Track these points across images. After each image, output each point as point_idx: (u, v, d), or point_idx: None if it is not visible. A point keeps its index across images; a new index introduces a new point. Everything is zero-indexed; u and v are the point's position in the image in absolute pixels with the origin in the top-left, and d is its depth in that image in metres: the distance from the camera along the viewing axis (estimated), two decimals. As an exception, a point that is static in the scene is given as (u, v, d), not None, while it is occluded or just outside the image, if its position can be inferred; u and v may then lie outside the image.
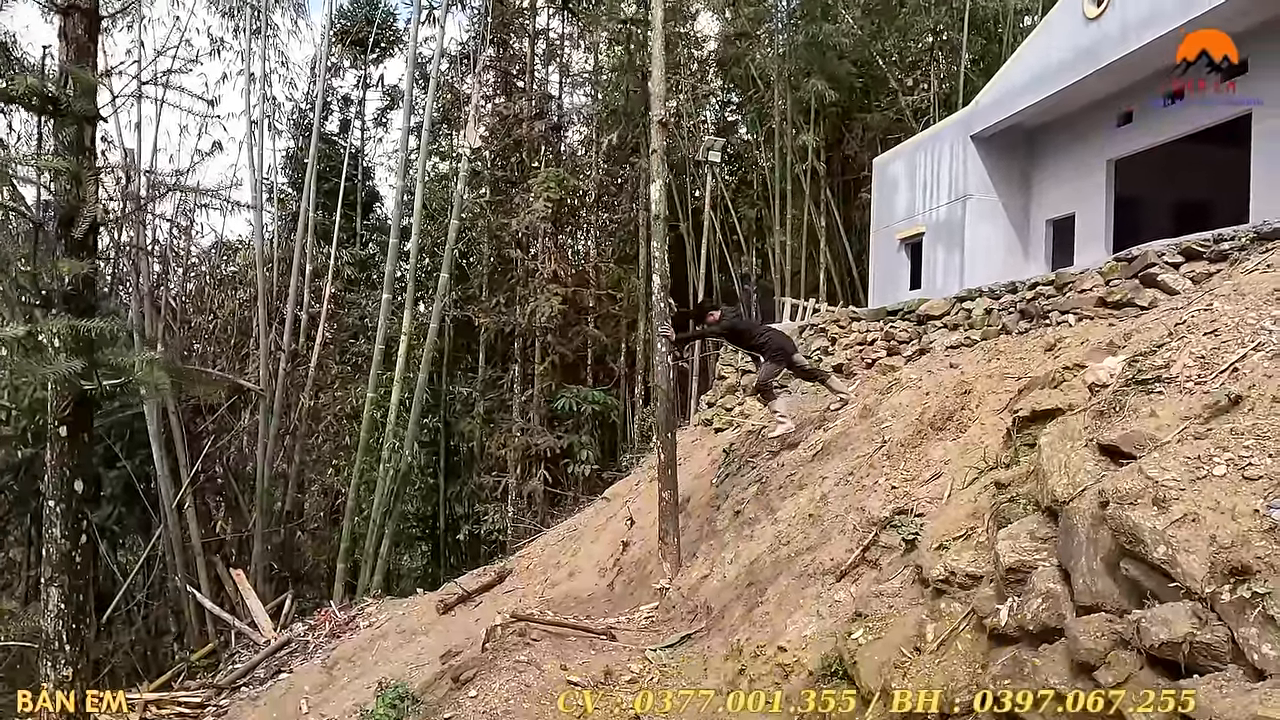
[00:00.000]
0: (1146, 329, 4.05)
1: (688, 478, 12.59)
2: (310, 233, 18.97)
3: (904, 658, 3.90)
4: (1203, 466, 2.82)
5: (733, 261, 27.57)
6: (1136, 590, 2.75)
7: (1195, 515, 2.65)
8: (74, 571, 3.75)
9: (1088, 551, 2.95)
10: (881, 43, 24.28)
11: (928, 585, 4.12)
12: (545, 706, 5.42)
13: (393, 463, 15.56)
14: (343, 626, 12.64)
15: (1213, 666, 2.35)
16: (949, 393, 6.19)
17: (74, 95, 3.57)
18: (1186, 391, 3.28)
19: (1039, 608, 3.04)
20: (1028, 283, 7.85)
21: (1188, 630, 2.41)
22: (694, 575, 8.44)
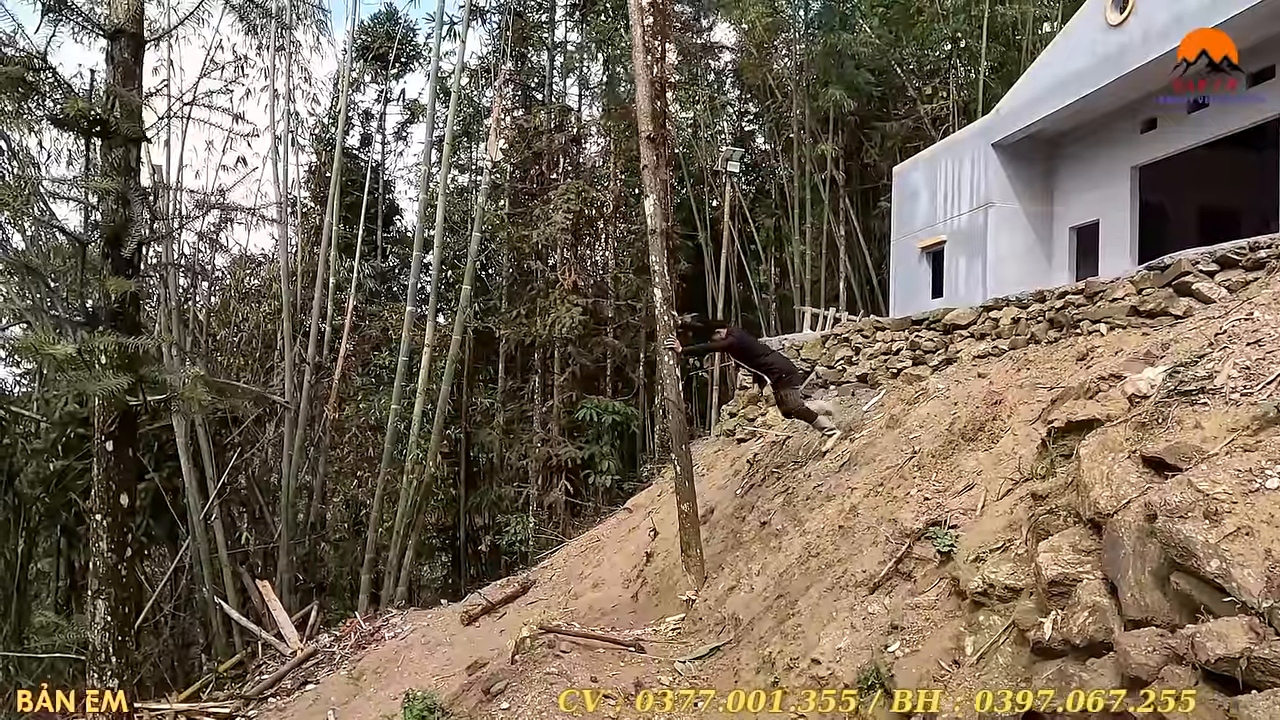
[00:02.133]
0: (1185, 339, 4.02)
1: (711, 489, 12.58)
2: (333, 246, 19.18)
3: (943, 670, 3.88)
4: (1255, 479, 2.80)
5: (751, 271, 27.58)
6: (1188, 604, 2.73)
7: (1249, 529, 2.63)
8: (120, 584, 3.81)
9: (1135, 564, 2.94)
10: (900, 51, 24.27)
11: (965, 597, 4.10)
12: (574, 715, 5.42)
13: (415, 474, 15.65)
14: (368, 637, 12.70)
15: (1271, 682, 2.33)
16: (979, 403, 6.17)
17: (121, 118, 3.66)
18: (1232, 403, 3.25)
19: (1085, 621, 3.03)
20: (1056, 291, 7.80)
21: (1244, 645, 2.39)
22: (720, 587, 8.42)
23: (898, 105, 24.85)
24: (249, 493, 17.47)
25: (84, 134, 3.75)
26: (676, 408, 8.74)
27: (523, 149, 22.37)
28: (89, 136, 3.73)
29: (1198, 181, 13.87)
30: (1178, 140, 12.81)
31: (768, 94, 27.17)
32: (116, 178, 3.62)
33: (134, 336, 3.65)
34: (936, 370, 8.77)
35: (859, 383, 10.61)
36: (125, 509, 3.94)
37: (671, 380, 8.84)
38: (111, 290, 3.55)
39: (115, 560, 3.82)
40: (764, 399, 13.18)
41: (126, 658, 3.80)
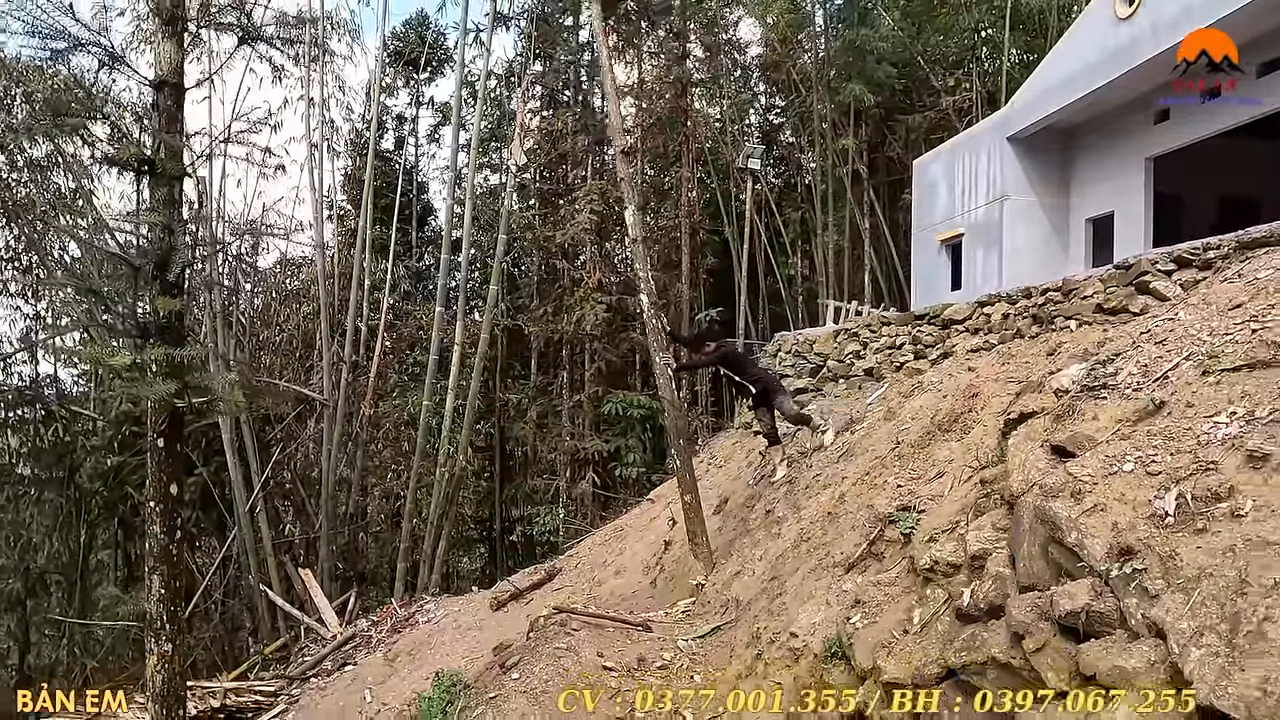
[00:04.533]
0: (1119, 337, 4.36)
1: (726, 479, 13.03)
2: (368, 248, 19.93)
3: (893, 639, 4.32)
4: (1115, 464, 3.17)
5: (779, 265, 27.84)
6: (1060, 571, 3.12)
7: (1103, 505, 3.01)
8: (171, 562, 4.40)
9: (1029, 539, 3.33)
10: (922, 43, 24.31)
11: (918, 574, 4.51)
12: (578, 683, 5.94)
13: (448, 466, 16.32)
14: (403, 622, 13.37)
15: (1105, 631, 2.72)
16: (958, 395, 6.52)
17: (165, 159, 4.23)
18: (1125, 397, 3.61)
19: (989, 589, 3.43)
20: (1040, 288, 8.09)
21: (1085, 602, 2.79)
22: (728, 571, 8.89)
23: (922, 97, 24.90)
24: (291, 486, 18.34)
25: (135, 172, 4.34)
26: (671, 405, 9.21)
27: (548, 151, 22.91)
28: (139, 175, 4.31)
29: (1212, 171, 13.89)
30: (1191, 131, 12.87)
31: (792, 88, 27.38)
32: (163, 211, 4.19)
33: (180, 348, 4.23)
34: (935, 364, 9.11)
35: (866, 376, 10.96)
36: (174, 497, 4.53)
37: (665, 380, 9.30)
38: (160, 308, 4.12)
39: (167, 541, 4.41)
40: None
41: (177, 625, 4.39)
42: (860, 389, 10.73)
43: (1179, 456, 3.01)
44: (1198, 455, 2.94)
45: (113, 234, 13.65)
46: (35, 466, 19.05)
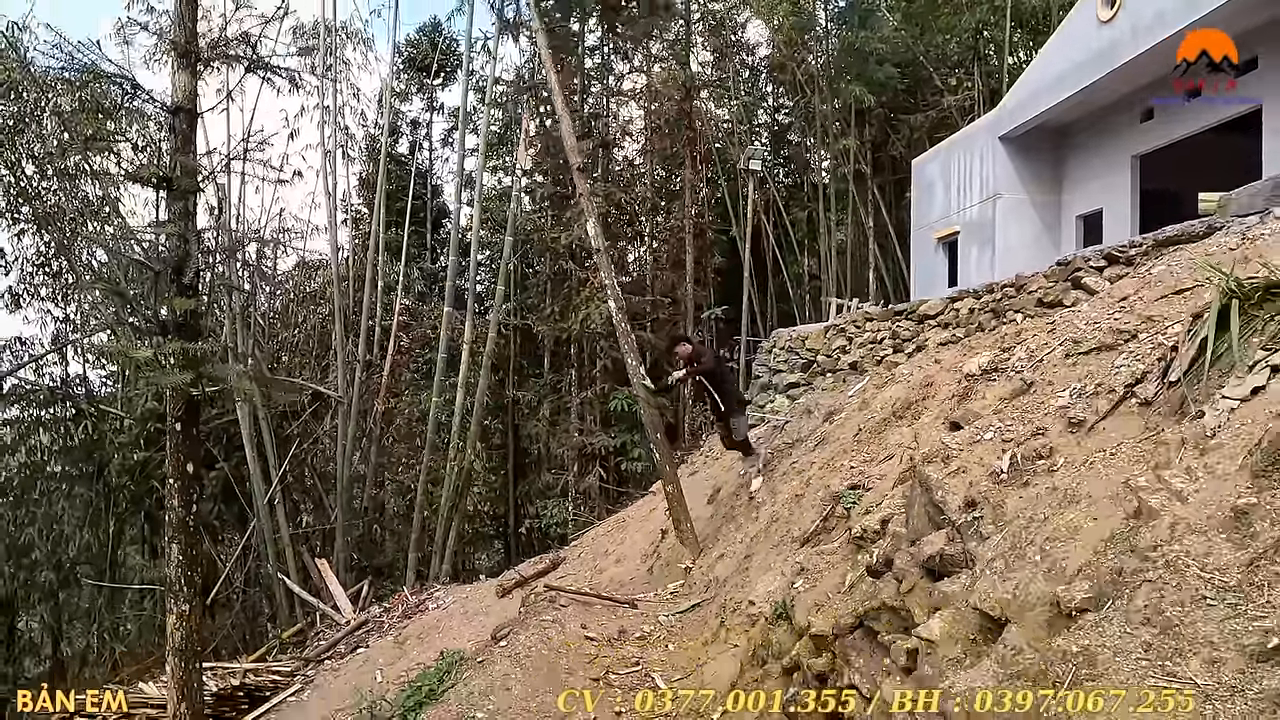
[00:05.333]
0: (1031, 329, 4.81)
1: (721, 470, 13.51)
2: (382, 250, 20.59)
3: (828, 599, 4.81)
4: (980, 434, 3.63)
5: (787, 263, 28.25)
6: (933, 524, 3.59)
7: (964, 468, 3.48)
8: (188, 532, 4.98)
9: (919, 500, 3.80)
10: (925, 44, 24.63)
11: (853, 543, 5.00)
12: (560, 653, 6.47)
13: (457, 461, 16.94)
14: (414, 609, 13.96)
15: (955, 570, 3.19)
16: (916, 386, 6.98)
17: (180, 176, 4.81)
18: (1009, 379, 4.07)
19: (888, 546, 3.90)
20: (1000, 284, 8.52)
21: (941, 547, 3.26)
22: (714, 555, 9.40)
23: (925, 96, 25.23)
24: (309, 480, 19.05)
25: (154, 188, 4.93)
26: (646, 402, 9.69)
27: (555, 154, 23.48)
28: (157, 189, 4.90)
29: (1195, 168, 14.19)
30: (1174, 129, 13.22)
31: (799, 89, 27.80)
32: (179, 222, 4.77)
33: (195, 342, 4.80)
34: (910, 357, 9.55)
35: (850, 370, 11.41)
36: (191, 475, 5.11)
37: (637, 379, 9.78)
38: (177, 307, 4.70)
39: (184, 514, 4.99)
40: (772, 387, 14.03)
41: (194, 588, 4.96)
42: (844, 382, 11.19)
43: (1026, 425, 3.48)
44: (1035, 423, 3.40)
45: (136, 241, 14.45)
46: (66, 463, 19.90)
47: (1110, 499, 2.57)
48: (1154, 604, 2.04)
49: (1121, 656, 2.01)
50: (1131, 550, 2.25)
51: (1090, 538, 2.47)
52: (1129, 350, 3.48)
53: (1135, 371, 3.24)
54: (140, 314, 4.59)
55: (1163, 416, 2.84)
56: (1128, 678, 1.93)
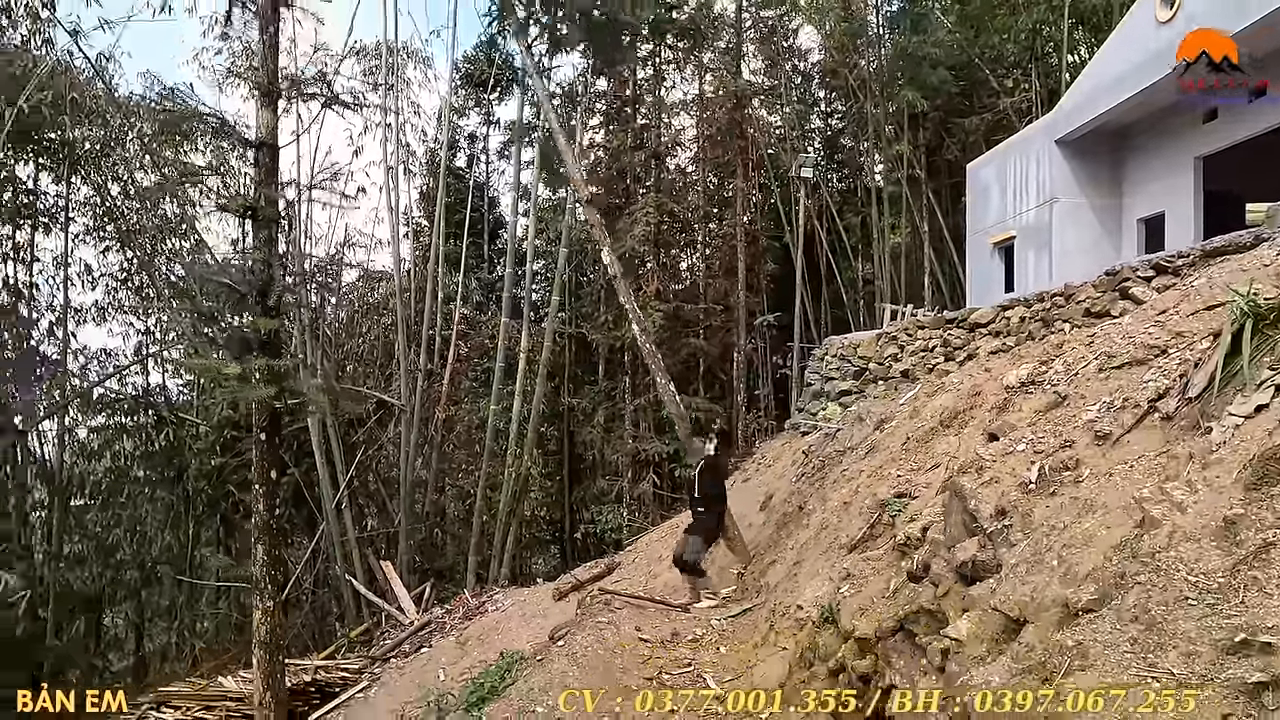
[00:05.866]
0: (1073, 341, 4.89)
1: (773, 478, 13.65)
2: (442, 262, 21.24)
3: (872, 604, 4.98)
4: (1013, 445, 3.75)
5: (841, 269, 28.14)
6: (967, 531, 3.73)
7: (996, 478, 3.61)
8: (271, 534, 5.40)
9: (955, 509, 3.94)
10: (980, 46, 24.32)
11: (898, 550, 5.16)
12: (615, 653, 6.74)
13: (515, 467, 17.39)
14: (474, 611, 14.40)
15: (986, 575, 3.33)
16: (964, 394, 7.06)
17: (264, 206, 5.24)
18: (1046, 393, 4.17)
19: (926, 552, 4.06)
20: (1050, 293, 8.50)
21: (973, 553, 3.41)
22: (765, 561, 9.58)
23: (981, 99, 24.90)
24: (374, 486, 19.74)
25: (241, 217, 5.37)
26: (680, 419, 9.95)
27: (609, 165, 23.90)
28: (243, 219, 5.34)
29: (1259, 169, 13.81)
30: (1238, 130, 12.90)
31: (851, 94, 27.71)
32: (264, 248, 5.20)
33: (277, 359, 5.22)
34: (961, 365, 9.57)
35: (902, 377, 11.45)
36: (274, 480, 5.53)
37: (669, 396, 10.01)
38: (261, 327, 5.13)
39: (268, 517, 5.42)
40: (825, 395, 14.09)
41: (277, 585, 5.38)
42: (896, 390, 11.23)
43: (1056, 438, 3.60)
44: (1065, 435, 3.52)
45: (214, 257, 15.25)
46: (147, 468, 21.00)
47: (1123, 509, 2.71)
48: (1142, 603, 2.20)
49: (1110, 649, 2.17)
50: (1134, 556, 2.40)
51: (1102, 545, 2.61)
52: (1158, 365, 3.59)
53: (1160, 387, 3.35)
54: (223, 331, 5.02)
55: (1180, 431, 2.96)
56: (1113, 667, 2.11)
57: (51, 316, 21.72)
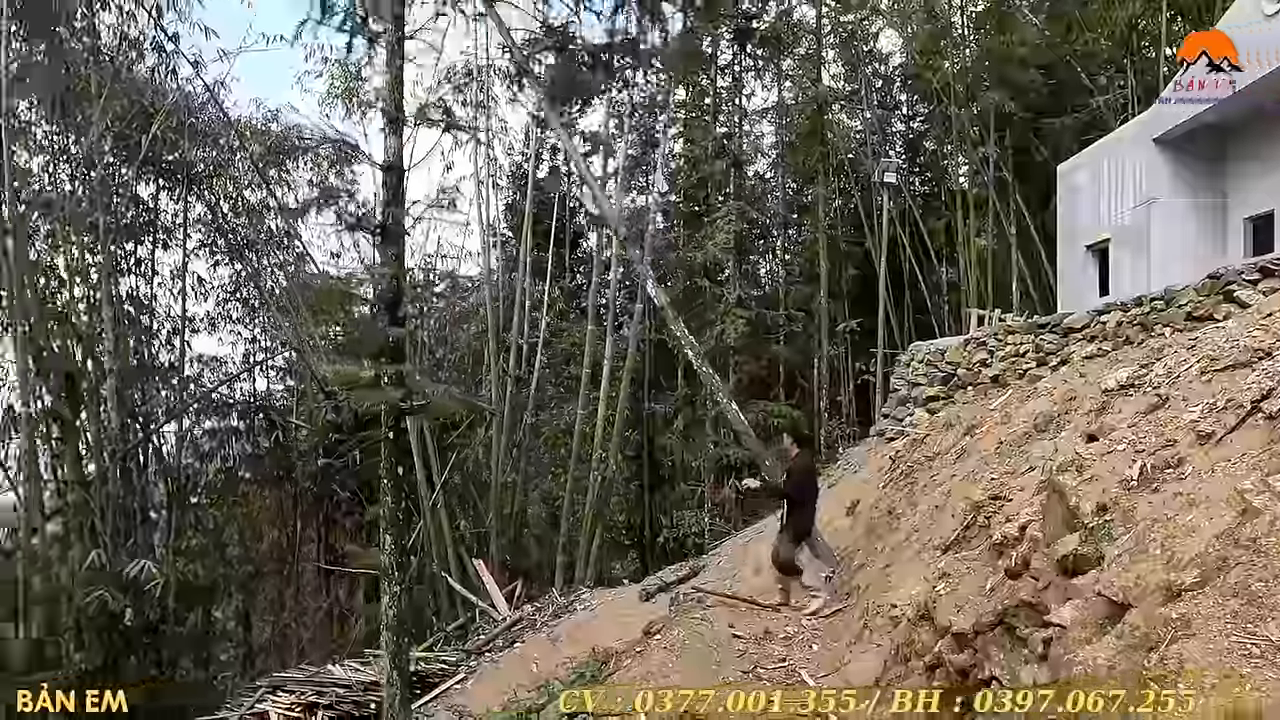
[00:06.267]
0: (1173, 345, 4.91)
1: (859, 483, 13.66)
2: (528, 272, 21.94)
3: (967, 601, 5.12)
4: (1113, 445, 3.85)
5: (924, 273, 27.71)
6: (1067, 528, 3.85)
7: (1097, 476, 3.72)
8: (398, 525, 5.89)
9: (1055, 506, 4.06)
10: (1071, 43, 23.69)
11: (993, 550, 5.27)
12: (711, 648, 7.00)
13: (600, 471, 17.86)
14: (563, 609, 14.85)
15: (1087, 568, 3.46)
16: (1058, 400, 7.07)
17: (392, 225, 5.74)
18: (1145, 395, 4.24)
19: (1026, 549, 4.18)
20: (1149, 297, 8.37)
21: (1074, 548, 3.54)
22: (853, 565, 9.70)
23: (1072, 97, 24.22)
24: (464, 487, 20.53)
25: (371, 235, 5.89)
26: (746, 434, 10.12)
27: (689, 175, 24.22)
28: (374, 236, 5.86)
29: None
30: (1355, 124, 12.34)
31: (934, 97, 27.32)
32: (391, 265, 5.70)
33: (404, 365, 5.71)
34: (1054, 370, 9.49)
35: (991, 383, 11.36)
36: (400, 476, 6.03)
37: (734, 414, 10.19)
38: (392, 337, 5.62)
39: (395, 509, 5.91)
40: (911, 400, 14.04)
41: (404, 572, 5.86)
42: (985, 395, 11.17)
43: (1157, 437, 3.69)
44: (1166, 435, 3.62)
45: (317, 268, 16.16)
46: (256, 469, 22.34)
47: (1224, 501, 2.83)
48: (1243, 581, 2.34)
49: (1212, 621, 2.32)
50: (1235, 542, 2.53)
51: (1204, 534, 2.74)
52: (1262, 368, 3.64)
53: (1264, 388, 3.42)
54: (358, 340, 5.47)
55: (1283, 430, 3.06)
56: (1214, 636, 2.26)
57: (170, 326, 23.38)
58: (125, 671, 14.52)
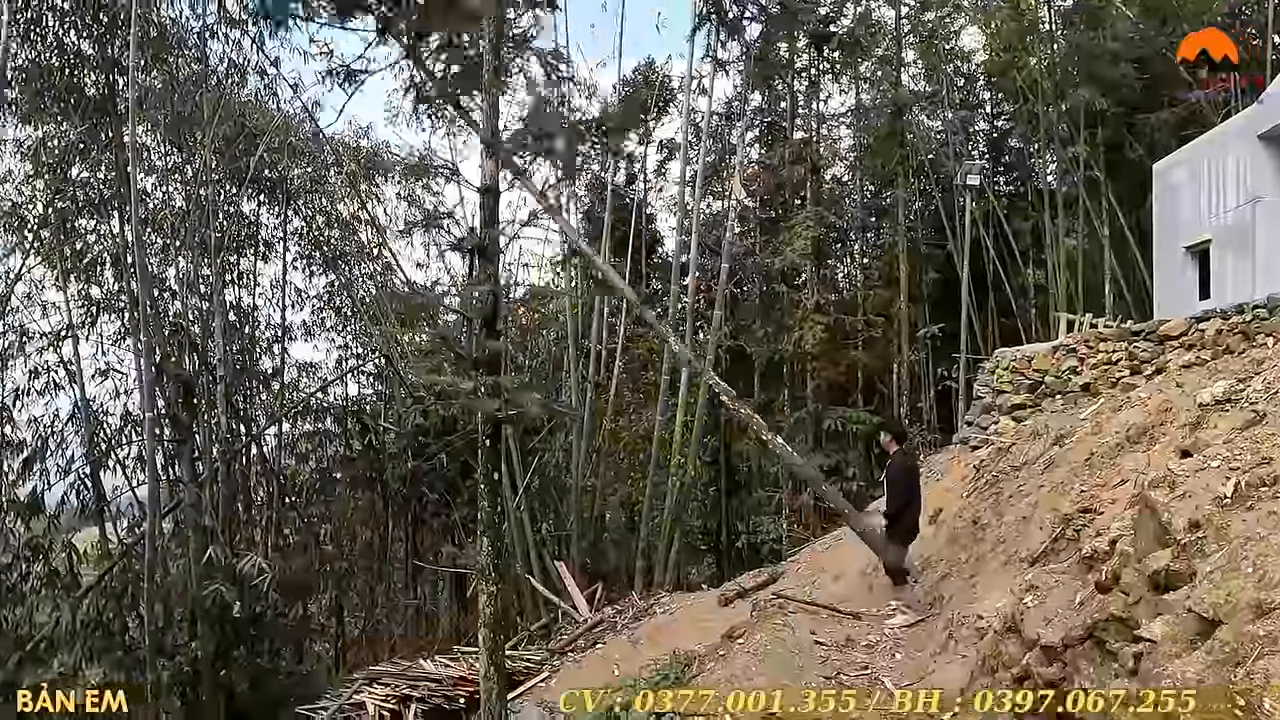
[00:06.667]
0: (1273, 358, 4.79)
1: (941, 491, 13.48)
2: (606, 280, 22.33)
3: (1056, 614, 5.12)
4: (1208, 461, 3.80)
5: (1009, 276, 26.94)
6: (1159, 543, 3.83)
7: (1190, 493, 3.69)
8: (494, 527, 6.22)
9: (1147, 522, 4.03)
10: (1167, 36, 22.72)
11: (1083, 563, 5.25)
12: (793, 653, 7.11)
13: (679, 476, 18.06)
14: (643, 612, 15.10)
15: (1179, 584, 3.45)
16: (1153, 411, 6.92)
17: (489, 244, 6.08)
18: (1243, 411, 4.17)
19: (1116, 563, 4.17)
20: (1251, 304, 8.06)
21: (1166, 564, 3.53)
22: (936, 575, 9.64)
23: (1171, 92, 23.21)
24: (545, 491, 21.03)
25: (470, 254, 6.26)
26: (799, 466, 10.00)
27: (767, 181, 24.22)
28: (473, 256, 6.22)
29: None
30: None
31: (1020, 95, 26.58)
32: (489, 281, 6.05)
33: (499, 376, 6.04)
34: (1149, 379, 9.22)
35: (1081, 392, 11.09)
36: (496, 480, 6.37)
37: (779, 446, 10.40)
38: (489, 349, 5.96)
39: (492, 512, 6.24)
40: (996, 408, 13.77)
41: (499, 572, 6.19)
42: (1075, 404, 10.91)
43: (1253, 455, 3.65)
44: (1263, 453, 3.58)
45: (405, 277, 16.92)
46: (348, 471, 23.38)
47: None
48: None
49: None
50: (1327, 561, 2.55)
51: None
52: (1365, 384, 3.58)
53: (1366, 406, 3.37)
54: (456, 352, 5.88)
55: (1383, 449, 3.02)
56: None
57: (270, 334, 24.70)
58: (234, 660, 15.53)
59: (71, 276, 19.41)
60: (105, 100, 16.51)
